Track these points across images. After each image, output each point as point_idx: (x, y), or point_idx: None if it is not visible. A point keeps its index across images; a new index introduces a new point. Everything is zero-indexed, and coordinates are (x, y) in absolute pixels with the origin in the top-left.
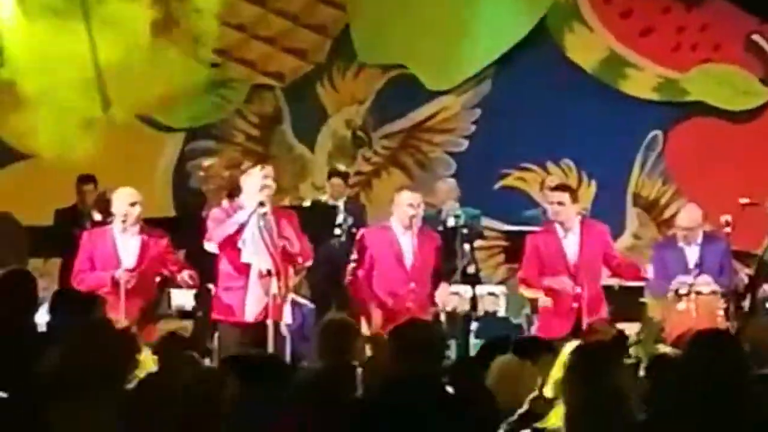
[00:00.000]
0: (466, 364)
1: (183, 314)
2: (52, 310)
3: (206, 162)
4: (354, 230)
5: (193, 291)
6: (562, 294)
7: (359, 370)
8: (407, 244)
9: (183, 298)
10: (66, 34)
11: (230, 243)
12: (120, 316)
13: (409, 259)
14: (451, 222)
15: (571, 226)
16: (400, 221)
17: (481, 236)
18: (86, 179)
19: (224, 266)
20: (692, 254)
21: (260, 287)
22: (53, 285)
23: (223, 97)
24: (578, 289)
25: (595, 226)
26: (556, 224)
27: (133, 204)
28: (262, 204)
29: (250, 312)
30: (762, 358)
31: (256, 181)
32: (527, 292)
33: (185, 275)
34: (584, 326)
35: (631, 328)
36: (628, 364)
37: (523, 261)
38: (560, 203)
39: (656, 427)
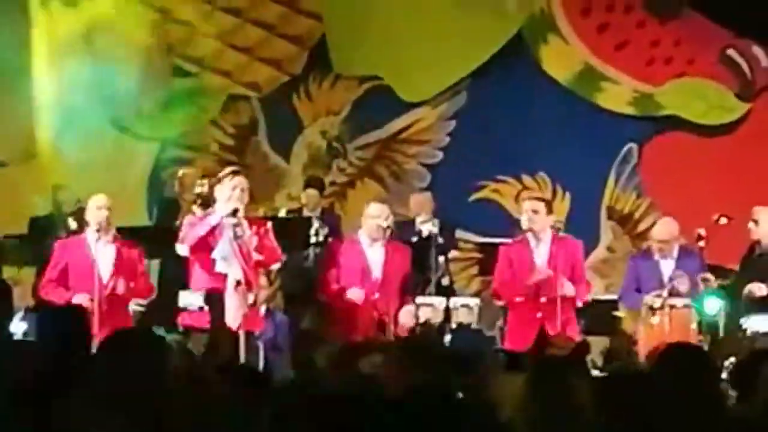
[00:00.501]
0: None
1: None
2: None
3: (181, 171)
4: (329, 240)
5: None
6: (526, 306)
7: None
8: (375, 255)
9: (191, 298)
10: None
11: (201, 246)
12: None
13: (376, 271)
14: (425, 233)
15: (543, 237)
16: (368, 233)
17: (456, 248)
18: (60, 187)
19: (197, 272)
20: (667, 267)
21: (235, 298)
22: (27, 294)
23: (199, 107)
24: (543, 299)
25: (567, 241)
26: (529, 235)
27: (101, 208)
28: (235, 211)
29: (230, 320)
30: None
31: (226, 191)
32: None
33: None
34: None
35: (603, 342)
36: (589, 377)
37: (495, 272)
38: (534, 211)
39: None
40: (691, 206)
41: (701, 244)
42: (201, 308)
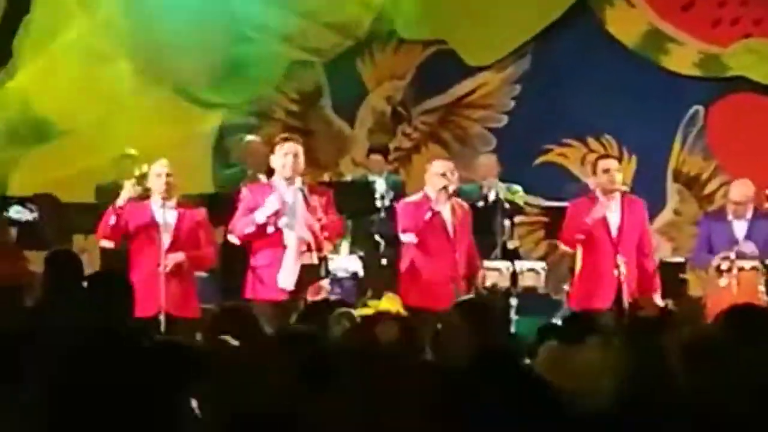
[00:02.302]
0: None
1: None
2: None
3: (246, 138)
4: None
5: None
6: (602, 262)
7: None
8: (447, 212)
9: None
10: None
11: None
12: (161, 305)
13: (450, 229)
14: (492, 196)
15: (615, 196)
16: (434, 190)
17: (522, 212)
18: (126, 155)
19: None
20: (740, 229)
21: (294, 261)
22: (95, 261)
23: (263, 73)
24: (620, 258)
25: (634, 200)
26: (599, 195)
27: (160, 175)
28: (276, 213)
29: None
30: None
31: (279, 159)
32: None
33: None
34: (627, 299)
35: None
36: (673, 340)
37: (564, 224)
38: (606, 170)
39: (695, 400)
40: (758, 168)
41: None
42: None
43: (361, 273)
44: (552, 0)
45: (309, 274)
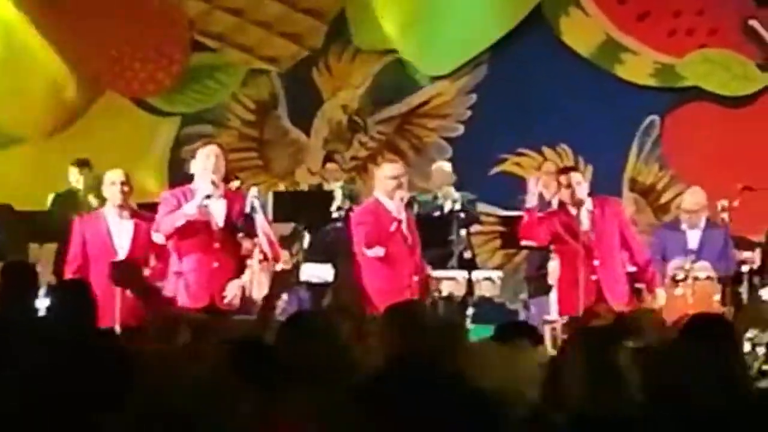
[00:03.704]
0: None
1: None
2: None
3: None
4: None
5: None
6: (577, 265)
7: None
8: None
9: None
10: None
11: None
12: (115, 317)
13: (408, 236)
14: (447, 206)
15: (584, 202)
16: (385, 194)
17: (478, 221)
18: (82, 163)
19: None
20: (693, 238)
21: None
22: (48, 270)
23: (219, 82)
24: (596, 262)
25: (606, 200)
26: (566, 205)
27: (115, 183)
28: (208, 197)
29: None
30: None
31: (200, 162)
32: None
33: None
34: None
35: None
36: (629, 348)
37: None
38: (568, 186)
39: (651, 411)
40: (713, 178)
41: (724, 215)
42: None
43: (330, 280)
44: (508, 10)
45: (281, 282)
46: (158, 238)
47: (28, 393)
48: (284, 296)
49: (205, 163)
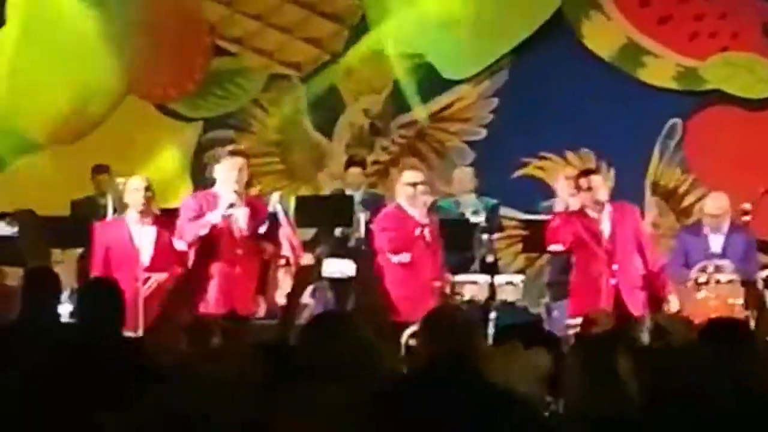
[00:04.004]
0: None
1: None
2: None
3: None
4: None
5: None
6: (595, 271)
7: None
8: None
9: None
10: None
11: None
12: (138, 324)
13: (430, 240)
14: (470, 217)
15: (603, 207)
16: (405, 200)
17: (500, 229)
18: (100, 169)
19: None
20: (716, 242)
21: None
22: (72, 275)
23: (240, 87)
24: (615, 266)
25: (625, 207)
26: (588, 210)
27: (139, 190)
28: (231, 205)
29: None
30: None
31: (223, 173)
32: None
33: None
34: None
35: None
36: (632, 352)
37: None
38: (589, 189)
39: (653, 413)
40: (735, 181)
41: (746, 218)
42: None
43: (352, 275)
44: (529, 13)
45: (304, 278)
46: (181, 245)
47: (42, 395)
48: (308, 296)
49: (228, 173)
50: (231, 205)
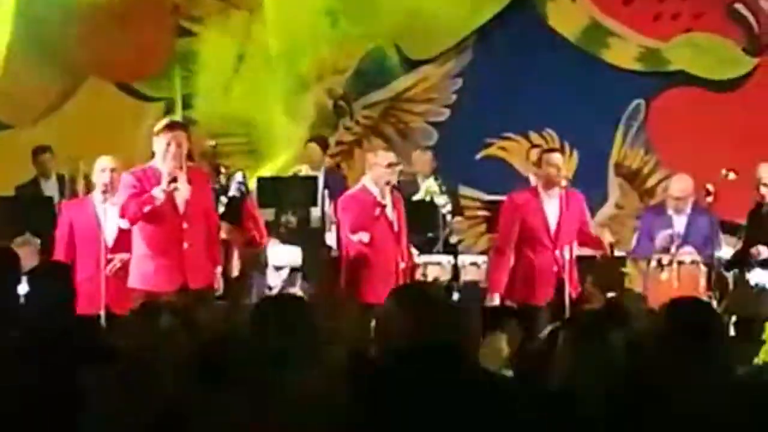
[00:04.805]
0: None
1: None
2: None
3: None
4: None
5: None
6: (543, 259)
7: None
8: (390, 206)
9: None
10: None
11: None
12: (100, 304)
13: (394, 222)
14: (430, 198)
15: (555, 191)
16: (376, 182)
17: (459, 210)
18: (42, 149)
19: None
20: (679, 223)
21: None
22: (35, 257)
23: (204, 67)
24: (558, 253)
25: (573, 194)
26: (540, 190)
27: (105, 170)
28: (174, 180)
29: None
30: None
31: (160, 146)
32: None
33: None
34: (568, 293)
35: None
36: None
37: (501, 225)
38: (554, 165)
39: (634, 392)
40: (698, 162)
41: (709, 199)
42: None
43: (298, 264)
44: None
45: (251, 263)
46: (124, 223)
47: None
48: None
49: (166, 147)
50: (174, 180)
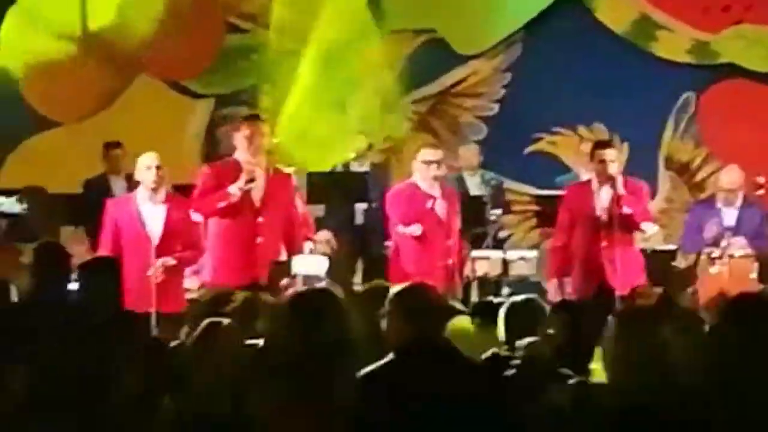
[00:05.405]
0: None
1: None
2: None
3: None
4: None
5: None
6: (590, 250)
7: None
8: (440, 200)
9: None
10: None
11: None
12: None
13: (444, 217)
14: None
15: (615, 180)
16: (422, 178)
17: (506, 205)
18: (113, 145)
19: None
20: (730, 216)
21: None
22: (84, 252)
23: (253, 63)
24: (604, 243)
25: (632, 183)
26: (593, 180)
27: (150, 167)
28: (252, 180)
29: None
30: None
31: (241, 141)
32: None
33: (168, 261)
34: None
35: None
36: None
37: (558, 216)
38: (602, 161)
39: (691, 391)
40: (749, 155)
41: (760, 192)
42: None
43: (323, 275)
44: None
45: (277, 272)
46: (197, 217)
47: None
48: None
49: (248, 143)
50: (251, 179)
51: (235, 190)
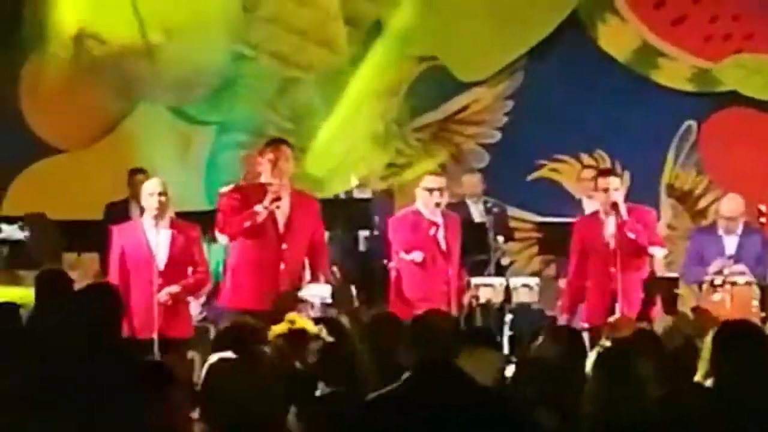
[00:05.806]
0: None
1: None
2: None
3: (245, 153)
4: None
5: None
6: (598, 276)
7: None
8: (441, 227)
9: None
10: None
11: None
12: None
13: (443, 244)
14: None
15: (618, 207)
16: (425, 205)
17: (509, 232)
18: (137, 171)
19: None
20: (730, 244)
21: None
22: (87, 277)
23: (255, 90)
24: (612, 269)
25: (639, 210)
26: (600, 211)
27: (153, 194)
28: (278, 199)
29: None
30: None
31: (266, 165)
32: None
33: (172, 290)
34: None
35: (665, 321)
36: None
37: (571, 260)
38: (605, 190)
39: (677, 418)
40: (750, 182)
41: (762, 220)
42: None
43: (329, 301)
44: (544, 16)
45: (286, 300)
46: (223, 239)
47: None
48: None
49: (273, 166)
50: (277, 198)
51: (261, 208)
